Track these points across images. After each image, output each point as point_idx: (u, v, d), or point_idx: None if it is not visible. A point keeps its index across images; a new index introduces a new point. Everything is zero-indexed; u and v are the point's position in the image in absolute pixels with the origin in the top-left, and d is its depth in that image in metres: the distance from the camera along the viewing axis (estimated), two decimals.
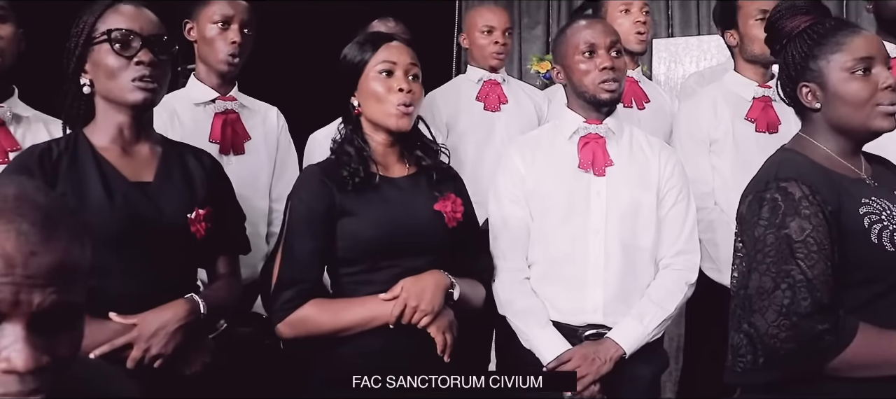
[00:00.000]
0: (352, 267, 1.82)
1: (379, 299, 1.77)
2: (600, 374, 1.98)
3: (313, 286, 1.80)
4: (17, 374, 0.86)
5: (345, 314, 1.78)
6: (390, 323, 1.76)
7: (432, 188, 1.88)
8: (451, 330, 1.82)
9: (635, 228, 2.06)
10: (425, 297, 1.76)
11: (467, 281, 1.91)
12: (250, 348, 2.03)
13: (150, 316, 1.60)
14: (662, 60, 4.53)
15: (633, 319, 2.03)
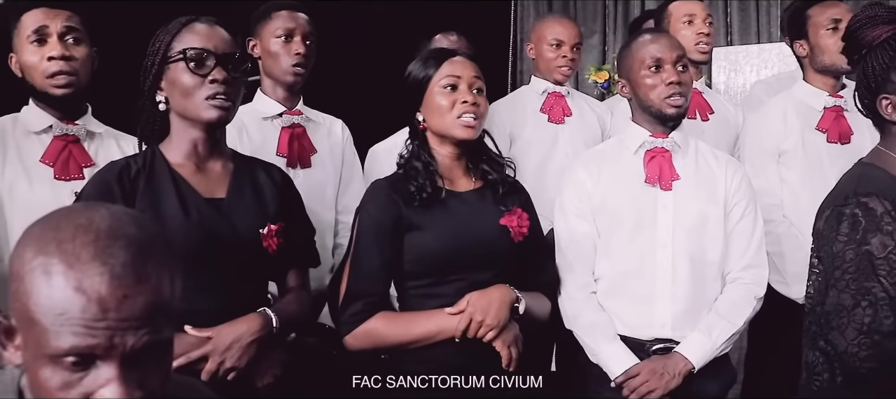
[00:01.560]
0: (418, 280, 1.83)
1: (445, 313, 1.78)
2: (669, 389, 1.96)
3: (380, 299, 1.82)
4: None
5: (411, 327, 1.79)
6: (456, 337, 1.77)
7: (498, 202, 1.88)
8: (516, 344, 1.81)
9: (703, 242, 2.03)
10: (491, 311, 1.76)
11: (533, 295, 1.90)
12: (317, 358, 2.05)
13: (224, 329, 1.62)
14: (722, 69, 4.46)
15: (702, 334, 2.00)
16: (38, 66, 1.93)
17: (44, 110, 1.99)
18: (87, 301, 0.85)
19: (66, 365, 0.87)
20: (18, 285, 0.88)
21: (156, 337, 0.89)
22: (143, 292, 0.87)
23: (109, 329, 0.86)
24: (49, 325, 0.85)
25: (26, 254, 0.88)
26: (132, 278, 0.87)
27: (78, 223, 0.88)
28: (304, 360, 1.91)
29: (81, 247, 0.86)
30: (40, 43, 1.93)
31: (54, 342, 0.86)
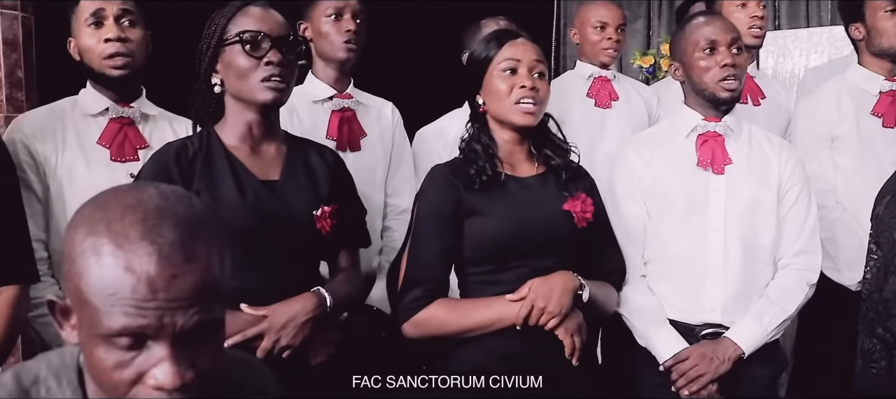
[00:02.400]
0: (479, 267, 1.80)
1: (506, 300, 1.74)
2: (718, 374, 1.95)
3: (440, 286, 1.79)
4: (166, 391, 0.89)
5: (471, 315, 1.76)
6: (517, 324, 1.73)
7: (562, 187, 1.84)
8: (579, 332, 1.77)
9: (755, 227, 2.01)
10: (553, 298, 1.72)
11: (598, 283, 1.86)
12: (367, 339, 2.07)
13: (280, 308, 1.65)
14: (770, 54, 4.38)
15: (752, 319, 1.99)
16: (94, 49, 1.97)
17: (100, 92, 2.03)
18: (136, 281, 0.85)
19: (118, 344, 0.88)
20: (71, 266, 0.89)
21: (206, 316, 0.89)
22: (192, 271, 0.87)
23: (159, 309, 0.86)
24: (100, 305, 0.86)
25: (77, 235, 0.88)
26: (181, 257, 0.87)
27: (126, 203, 0.88)
28: (355, 341, 1.92)
29: (130, 226, 0.86)
30: (97, 26, 1.97)
31: (106, 322, 0.86)
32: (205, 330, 0.90)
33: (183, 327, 0.87)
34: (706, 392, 1.96)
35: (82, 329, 0.91)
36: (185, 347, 0.89)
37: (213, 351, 0.94)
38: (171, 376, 0.88)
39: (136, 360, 0.89)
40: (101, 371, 0.90)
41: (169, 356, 0.88)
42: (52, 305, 0.96)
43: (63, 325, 0.96)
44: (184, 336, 0.88)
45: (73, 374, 0.99)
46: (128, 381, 0.89)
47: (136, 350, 0.88)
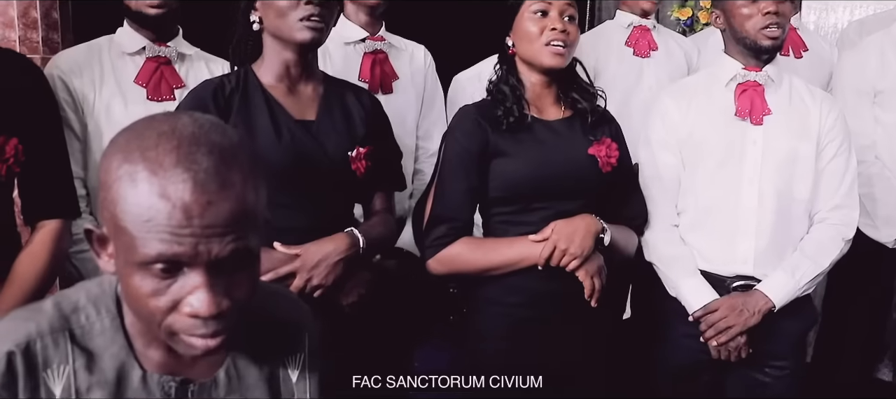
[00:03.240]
0: (503, 207, 1.83)
1: (529, 240, 1.78)
2: (748, 326, 1.94)
3: (465, 225, 1.82)
4: (201, 319, 0.90)
5: (495, 253, 1.79)
6: (539, 264, 1.76)
7: (587, 132, 1.86)
8: (599, 275, 1.80)
9: (792, 180, 1.98)
10: (575, 240, 1.75)
11: (619, 227, 1.88)
12: (398, 281, 2.09)
13: (313, 247, 1.67)
14: (813, 8, 4.26)
15: (785, 273, 1.97)
16: None
17: (137, 31, 2.03)
18: (171, 208, 0.85)
19: (154, 272, 0.88)
20: (106, 194, 0.89)
21: (241, 244, 0.89)
22: (227, 199, 0.87)
23: (194, 236, 0.86)
24: (136, 232, 0.86)
25: (112, 163, 0.88)
26: (216, 184, 0.86)
27: (161, 130, 0.88)
28: (386, 283, 1.94)
29: (164, 153, 0.86)
30: None
31: (142, 249, 0.86)
32: (240, 259, 0.90)
33: (218, 255, 0.88)
34: (734, 344, 1.97)
35: (118, 257, 0.92)
36: (220, 276, 0.90)
37: (248, 281, 0.94)
38: (206, 304, 0.89)
39: (172, 288, 0.89)
40: (137, 299, 0.91)
41: (204, 284, 0.89)
42: (89, 234, 0.96)
43: (100, 254, 0.96)
44: (219, 264, 0.88)
45: (111, 302, 1.01)
46: (163, 308, 0.90)
47: (172, 278, 0.89)
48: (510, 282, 1.80)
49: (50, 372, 0.96)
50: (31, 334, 0.97)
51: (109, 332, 1.00)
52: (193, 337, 0.91)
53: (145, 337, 1.00)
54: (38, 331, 0.97)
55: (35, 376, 0.96)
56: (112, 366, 0.99)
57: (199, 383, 1.03)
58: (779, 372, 2.06)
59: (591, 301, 1.81)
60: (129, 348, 1.00)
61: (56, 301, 1.01)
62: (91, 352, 0.99)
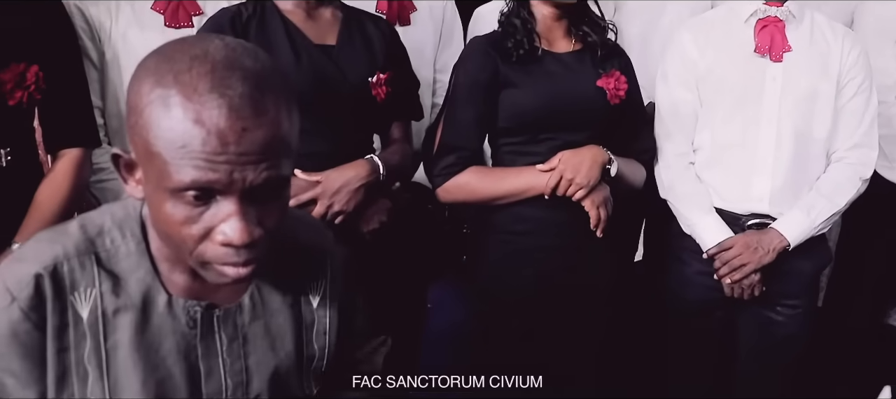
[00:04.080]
0: (511, 138, 1.84)
1: (536, 170, 1.80)
2: (761, 264, 1.95)
3: (473, 153, 1.84)
4: (234, 247, 0.89)
5: (502, 182, 1.82)
6: (545, 194, 1.79)
7: (597, 65, 1.86)
8: (605, 205, 1.83)
9: (810, 118, 1.97)
10: (582, 170, 1.77)
11: (627, 160, 1.90)
12: (413, 213, 2.10)
13: (334, 174, 1.68)
14: None
15: (801, 211, 1.97)
16: None
17: None
18: (206, 134, 0.82)
19: (187, 199, 0.86)
20: (137, 119, 0.86)
21: (275, 172, 0.87)
22: (262, 126, 0.84)
23: (229, 163, 0.84)
24: (170, 158, 0.84)
25: (144, 86, 0.85)
26: (250, 110, 0.84)
27: (193, 54, 0.85)
28: (401, 217, 1.96)
29: (198, 78, 0.83)
30: None
31: (176, 176, 0.84)
32: (273, 187, 0.89)
33: (252, 183, 0.86)
34: (748, 282, 1.97)
35: (149, 183, 0.90)
36: (253, 204, 0.88)
37: (279, 209, 0.93)
38: (239, 232, 0.87)
39: (205, 216, 0.88)
40: (169, 226, 0.90)
41: (238, 212, 0.87)
42: (116, 159, 0.95)
43: (127, 180, 0.95)
44: (252, 192, 0.87)
45: (136, 226, 1.01)
46: (196, 236, 0.89)
47: (205, 205, 0.88)
48: (517, 211, 1.83)
49: (77, 295, 0.96)
50: (57, 257, 0.96)
51: (135, 256, 0.99)
52: (226, 266, 0.91)
53: (170, 261, 1.00)
54: (64, 253, 0.97)
55: (62, 299, 0.96)
56: (138, 290, 0.99)
57: (224, 308, 1.04)
58: (791, 311, 2.08)
59: (596, 231, 1.83)
60: (154, 273, 1.00)
61: (81, 223, 1.01)
62: (117, 275, 0.98)
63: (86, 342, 0.97)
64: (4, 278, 0.96)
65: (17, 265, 0.97)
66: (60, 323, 0.96)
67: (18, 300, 0.94)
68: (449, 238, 2.23)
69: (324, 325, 1.14)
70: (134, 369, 0.98)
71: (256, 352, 1.06)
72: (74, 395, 0.97)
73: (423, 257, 2.23)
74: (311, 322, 1.13)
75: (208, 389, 1.02)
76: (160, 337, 0.99)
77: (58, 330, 0.95)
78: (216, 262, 0.91)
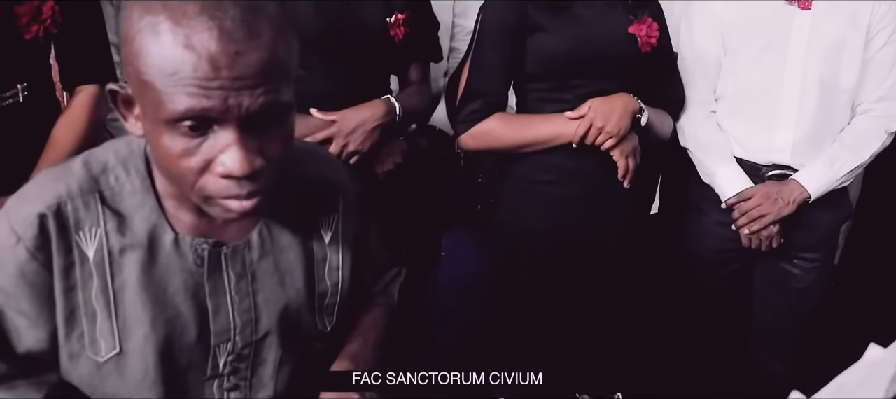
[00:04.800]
0: (539, 84, 1.80)
1: (565, 117, 1.76)
2: (781, 215, 1.93)
3: (499, 99, 1.80)
4: (234, 179, 0.86)
5: (529, 130, 1.78)
6: (574, 142, 1.75)
7: (629, 11, 1.81)
8: (634, 155, 1.80)
9: (837, 68, 1.92)
10: (612, 118, 1.73)
11: (656, 110, 1.86)
12: (429, 157, 2.09)
13: (349, 113, 1.67)
14: None
15: (823, 163, 1.94)
16: None
17: None
18: (197, 58, 0.80)
19: (183, 130, 0.84)
20: (129, 48, 0.84)
21: (273, 98, 0.84)
22: (256, 49, 0.81)
23: (223, 88, 0.81)
24: (162, 87, 0.82)
25: (133, 14, 0.83)
26: (243, 33, 0.81)
27: None
28: (417, 159, 1.95)
29: (188, 1, 0.80)
30: None
31: (169, 105, 0.82)
32: (273, 114, 0.86)
33: (249, 109, 0.83)
34: (766, 233, 1.95)
35: (146, 117, 0.88)
36: (252, 133, 0.85)
37: (282, 138, 0.90)
38: (239, 162, 0.84)
39: (203, 147, 0.85)
40: (168, 159, 0.87)
41: (236, 141, 0.84)
42: (114, 95, 0.92)
43: (127, 117, 0.93)
44: (251, 120, 0.84)
45: (140, 162, 0.99)
46: (195, 168, 0.87)
47: (202, 136, 0.85)
48: (542, 159, 1.80)
49: (82, 234, 0.95)
50: (61, 195, 0.95)
51: (140, 194, 0.98)
52: (228, 199, 0.88)
53: (176, 199, 0.98)
54: (68, 192, 0.96)
55: (67, 238, 0.95)
56: (144, 228, 0.97)
57: (232, 246, 1.02)
58: (808, 264, 2.06)
59: (623, 181, 1.81)
60: (160, 210, 0.98)
61: (85, 160, 0.99)
62: (122, 214, 0.97)
63: (93, 282, 0.96)
64: (9, 218, 0.95)
65: (21, 205, 0.96)
66: (66, 263, 0.95)
67: (24, 240, 0.93)
68: (464, 186, 2.22)
69: (336, 262, 1.13)
70: (143, 309, 0.97)
71: (265, 289, 1.05)
72: (84, 334, 0.96)
73: (438, 203, 2.23)
74: (323, 258, 1.11)
75: (216, 327, 1.02)
76: (168, 276, 0.99)
77: (64, 270, 0.95)
78: (218, 195, 0.88)
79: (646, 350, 2.41)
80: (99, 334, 0.96)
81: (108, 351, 0.97)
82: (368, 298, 1.27)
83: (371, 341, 1.19)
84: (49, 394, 0.98)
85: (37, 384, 0.97)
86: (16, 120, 1.57)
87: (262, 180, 0.88)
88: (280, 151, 0.90)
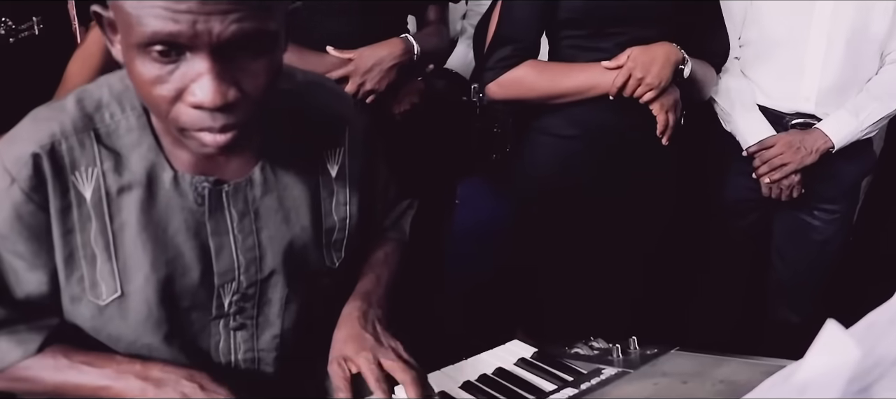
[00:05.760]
0: (574, 30, 1.67)
1: (602, 67, 1.63)
2: (803, 165, 1.90)
3: (531, 46, 1.68)
4: (207, 110, 0.82)
5: (563, 79, 1.66)
6: (611, 94, 1.63)
7: None
8: (675, 110, 1.68)
9: (867, 16, 1.87)
10: (653, 69, 1.61)
11: (700, 62, 1.74)
12: (446, 101, 2.07)
13: (367, 52, 1.64)
14: None
15: (848, 112, 1.90)
16: None
17: None
18: None
19: (154, 55, 0.80)
20: None
21: (249, 25, 0.80)
22: None
23: (191, 12, 0.77)
24: (132, 9, 0.78)
25: None
26: None
27: None
28: (434, 101, 1.92)
29: None
30: None
31: (138, 28, 0.78)
32: (250, 42, 0.81)
33: (220, 36, 0.78)
34: (788, 182, 1.93)
35: (123, 42, 0.84)
36: (228, 62, 0.81)
37: (264, 70, 0.85)
38: (210, 93, 0.80)
39: (175, 75, 0.81)
40: (141, 86, 0.84)
41: (208, 70, 0.80)
42: (98, 17, 0.88)
43: (113, 42, 0.89)
44: (224, 48, 0.80)
45: (135, 98, 0.95)
46: (168, 97, 0.83)
47: (174, 63, 0.81)
48: (571, 112, 1.68)
49: (78, 174, 0.92)
50: (54, 134, 0.92)
51: (136, 131, 0.94)
52: (201, 132, 0.84)
53: (172, 135, 0.93)
54: (61, 131, 0.92)
55: (63, 179, 0.92)
56: (141, 166, 0.94)
57: (234, 183, 0.98)
58: (828, 216, 2.04)
59: (662, 138, 1.70)
60: (158, 148, 0.95)
61: (78, 98, 0.96)
62: (118, 152, 0.94)
63: (91, 224, 0.93)
64: (3, 158, 0.92)
65: (14, 145, 0.93)
66: (63, 204, 0.92)
67: (18, 181, 0.90)
68: (480, 135, 2.19)
69: (343, 197, 1.09)
70: (143, 250, 0.95)
71: (269, 226, 1.01)
72: (84, 277, 0.94)
73: (453, 148, 2.21)
74: (330, 193, 1.08)
75: (220, 267, 0.99)
76: (168, 215, 0.96)
77: (61, 211, 0.92)
78: (191, 127, 0.84)
79: (663, 296, 2.40)
80: (99, 277, 0.94)
81: (110, 294, 0.95)
82: (380, 233, 1.24)
83: (384, 279, 1.15)
84: (49, 337, 0.96)
85: (37, 329, 0.96)
86: (31, 53, 1.56)
87: (238, 114, 0.84)
88: (261, 85, 0.85)
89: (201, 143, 0.85)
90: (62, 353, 0.96)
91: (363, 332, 1.03)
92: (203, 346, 1.03)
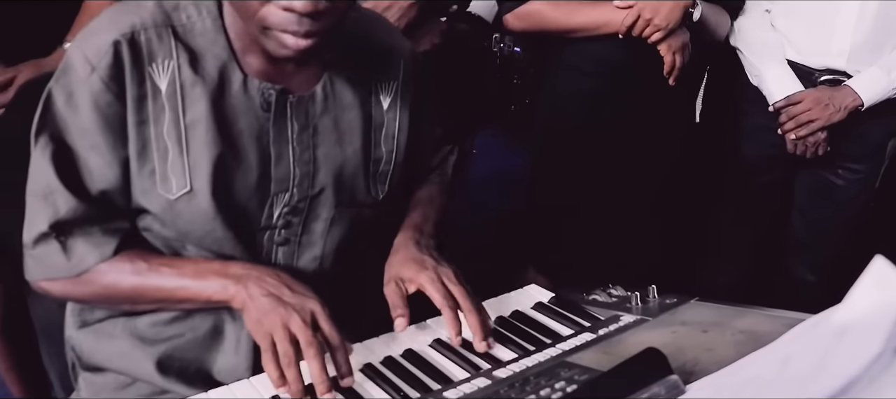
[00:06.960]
0: None
1: (613, 5, 1.70)
2: (831, 122, 1.86)
3: None
4: (295, 14, 0.86)
5: (576, 14, 1.74)
6: (620, 32, 1.70)
7: None
8: (682, 52, 1.73)
9: None
10: (662, 10, 1.67)
11: (713, 6, 1.78)
12: (468, 45, 2.03)
13: None
14: None
15: (880, 70, 1.85)
16: None
17: None
18: None
19: None
20: None
21: None
22: None
23: None
24: None
25: None
26: None
27: None
28: (455, 45, 1.89)
29: None
30: None
31: None
32: None
33: None
34: (814, 139, 1.89)
35: None
36: None
37: None
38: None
39: None
40: None
41: None
42: None
43: None
44: None
45: (211, 3, 0.98)
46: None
47: None
48: (586, 48, 1.76)
49: (155, 65, 0.95)
50: (135, 25, 0.95)
51: (211, 33, 0.97)
52: (286, 33, 0.88)
53: (245, 40, 0.97)
54: (141, 23, 0.95)
55: (141, 68, 0.94)
56: (214, 66, 0.97)
57: (298, 95, 1.01)
58: (852, 176, 2.00)
59: (669, 79, 1.74)
60: (230, 50, 0.98)
61: None
62: (193, 49, 0.97)
63: (165, 115, 0.95)
64: (83, 49, 0.94)
65: (95, 35, 0.95)
66: (139, 93, 0.94)
67: (98, 69, 0.92)
68: (500, 85, 2.17)
69: (393, 128, 1.12)
70: (210, 145, 0.96)
71: (325, 144, 1.04)
72: (155, 171, 0.96)
73: (472, 96, 2.18)
74: (381, 123, 1.10)
75: (277, 174, 1.01)
76: (235, 115, 0.98)
77: (137, 101, 0.94)
78: (277, 27, 0.87)
79: (679, 245, 2.38)
80: (170, 172, 0.96)
81: (180, 188, 0.96)
82: (425, 174, 1.26)
83: (431, 217, 1.18)
84: (122, 242, 0.98)
85: (111, 232, 0.97)
86: None
87: (322, 22, 0.88)
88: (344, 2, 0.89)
89: (282, 43, 0.88)
90: (140, 257, 0.98)
91: (422, 256, 1.06)
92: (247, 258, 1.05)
